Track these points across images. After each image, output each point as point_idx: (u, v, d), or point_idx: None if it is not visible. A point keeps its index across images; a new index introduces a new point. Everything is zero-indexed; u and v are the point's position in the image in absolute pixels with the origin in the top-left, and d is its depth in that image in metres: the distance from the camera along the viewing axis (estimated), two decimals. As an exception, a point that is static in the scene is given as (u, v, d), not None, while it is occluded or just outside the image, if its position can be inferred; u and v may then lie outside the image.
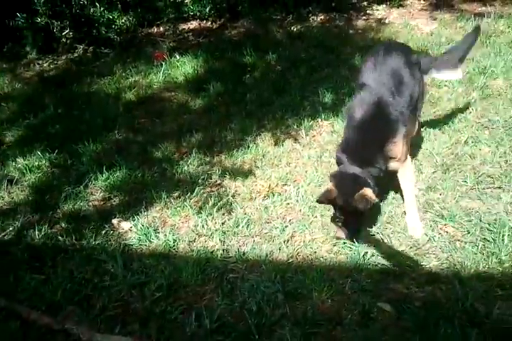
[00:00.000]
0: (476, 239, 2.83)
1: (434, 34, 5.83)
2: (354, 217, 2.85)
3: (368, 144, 2.86)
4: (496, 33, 5.71)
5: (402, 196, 3.10)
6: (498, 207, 3.07)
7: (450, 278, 2.62)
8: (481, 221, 2.96)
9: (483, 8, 6.72)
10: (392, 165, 2.94)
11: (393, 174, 3.03)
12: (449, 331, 2.32)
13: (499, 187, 3.24)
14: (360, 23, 6.63)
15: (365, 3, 7.25)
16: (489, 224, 2.91)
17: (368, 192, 2.75)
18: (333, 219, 3.03)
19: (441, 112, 4.18)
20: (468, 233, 2.89)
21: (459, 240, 2.85)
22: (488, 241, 2.80)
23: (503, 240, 2.77)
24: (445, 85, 4.58)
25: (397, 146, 2.88)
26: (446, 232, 2.93)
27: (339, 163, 2.98)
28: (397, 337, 2.36)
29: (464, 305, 2.44)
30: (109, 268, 2.91)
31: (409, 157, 3.08)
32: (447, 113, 4.13)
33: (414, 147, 3.51)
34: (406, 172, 3.02)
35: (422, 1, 7.29)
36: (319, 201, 2.88)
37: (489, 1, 6.86)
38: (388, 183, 3.22)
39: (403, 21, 6.44)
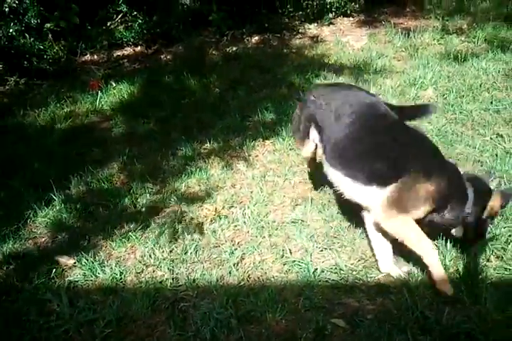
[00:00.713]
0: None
1: (364, 49, 6.04)
2: None
3: None
4: (423, 46, 5.99)
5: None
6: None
7: (399, 287, 2.66)
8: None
9: (409, 22, 7.06)
10: None
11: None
12: (402, 341, 2.35)
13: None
14: (293, 42, 6.80)
15: (297, 23, 7.45)
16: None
17: None
18: None
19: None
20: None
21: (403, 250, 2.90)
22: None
23: (446, 246, 2.85)
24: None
25: None
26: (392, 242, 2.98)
27: None
28: (353, 352, 2.37)
29: (414, 313, 2.48)
30: (54, 307, 2.78)
31: None
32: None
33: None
34: None
35: (351, 19, 7.57)
36: None
37: (415, 16, 7.22)
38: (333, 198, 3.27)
39: (335, 39, 6.65)
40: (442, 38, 6.17)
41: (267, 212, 3.41)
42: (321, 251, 3.01)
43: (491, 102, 4.42)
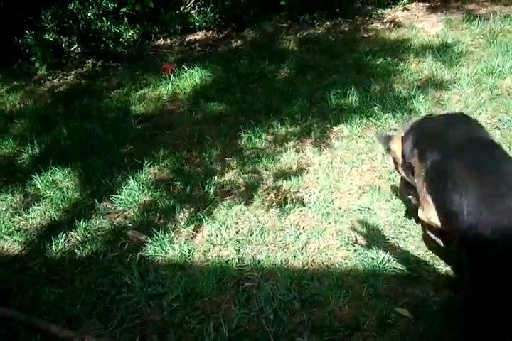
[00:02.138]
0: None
1: (440, 36, 5.82)
2: None
3: None
4: (502, 33, 5.68)
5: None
6: None
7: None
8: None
9: (489, 8, 6.72)
10: None
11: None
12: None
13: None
14: (365, 27, 6.63)
15: (369, 8, 7.27)
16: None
17: None
18: None
19: (451, 114, 4.17)
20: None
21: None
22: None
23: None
24: (454, 87, 4.57)
25: None
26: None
27: None
28: (417, 343, 2.35)
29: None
30: (126, 280, 2.93)
31: None
32: (457, 114, 4.12)
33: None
34: None
35: (427, 3, 7.30)
36: None
37: (495, 1, 6.86)
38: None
39: (409, 24, 6.44)
40: (525, 24, 5.84)
41: (333, 198, 3.40)
42: (388, 240, 2.99)
43: None
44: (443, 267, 2.74)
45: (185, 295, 2.76)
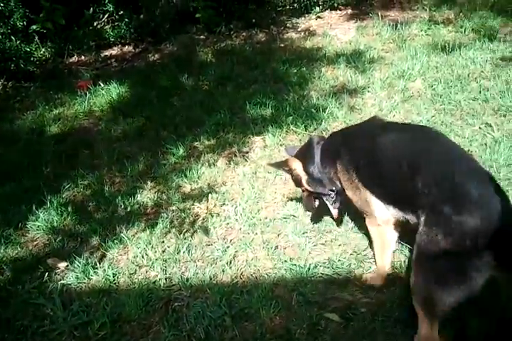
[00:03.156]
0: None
1: (352, 42, 6.02)
2: None
3: None
4: (410, 37, 5.97)
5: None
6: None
7: (391, 280, 2.67)
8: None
9: (397, 13, 7.04)
10: None
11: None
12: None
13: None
14: (281, 37, 6.76)
15: (284, 17, 7.42)
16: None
17: None
18: None
19: (367, 117, 4.27)
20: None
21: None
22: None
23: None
24: (368, 91, 4.73)
25: None
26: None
27: None
28: (348, 346, 2.38)
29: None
30: (47, 311, 2.78)
31: None
32: (372, 118, 4.24)
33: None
34: None
35: (339, 12, 7.55)
36: None
37: (402, 8, 7.20)
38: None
39: (322, 32, 6.62)
40: (430, 28, 6.15)
41: (258, 208, 3.40)
42: (314, 246, 3.02)
43: (480, 91, 4.42)
44: (369, 268, 2.79)
45: (112, 321, 2.65)
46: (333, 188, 2.85)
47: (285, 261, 2.91)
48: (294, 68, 5.44)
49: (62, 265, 3.08)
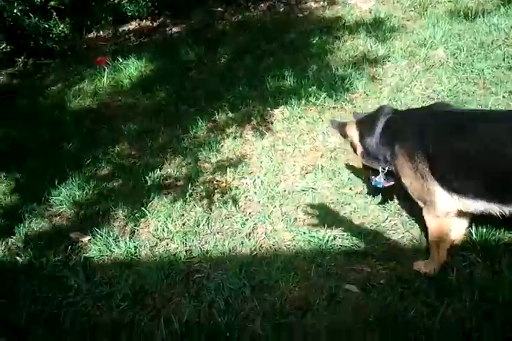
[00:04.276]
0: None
1: (372, 11, 5.84)
2: None
3: None
4: (432, 4, 5.75)
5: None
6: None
7: (410, 252, 2.65)
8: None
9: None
10: None
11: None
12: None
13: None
14: (300, 7, 6.59)
15: (303, -13, 7.24)
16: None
17: None
18: None
19: (387, 88, 4.20)
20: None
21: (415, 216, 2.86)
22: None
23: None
24: (388, 61, 4.61)
25: None
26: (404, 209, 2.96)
27: None
28: (367, 317, 2.38)
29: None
30: (72, 283, 2.86)
31: None
32: (393, 88, 4.16)
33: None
34: None
35: (359, -21, 7.32)
36: None
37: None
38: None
39: (342, 1, 6.43)
40: (453, -6, 5.93)
41: (277, 181, 3.40)
42: (333, 218, 3.00)
43: (503, 59, 4.24)
44: (387, 240, 2.77)
45: (134, 293, 2.71)
46: (387, 167, 2.63)
47: (304, 233, 2.91)
48: (313, 39, 5.32)
49: (85, 239, 3.15)
